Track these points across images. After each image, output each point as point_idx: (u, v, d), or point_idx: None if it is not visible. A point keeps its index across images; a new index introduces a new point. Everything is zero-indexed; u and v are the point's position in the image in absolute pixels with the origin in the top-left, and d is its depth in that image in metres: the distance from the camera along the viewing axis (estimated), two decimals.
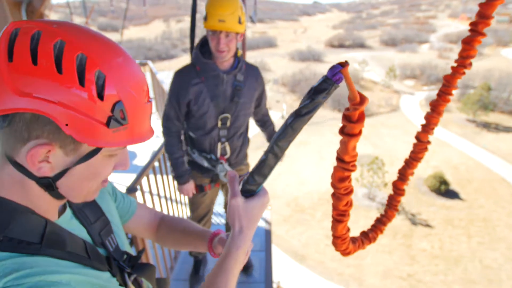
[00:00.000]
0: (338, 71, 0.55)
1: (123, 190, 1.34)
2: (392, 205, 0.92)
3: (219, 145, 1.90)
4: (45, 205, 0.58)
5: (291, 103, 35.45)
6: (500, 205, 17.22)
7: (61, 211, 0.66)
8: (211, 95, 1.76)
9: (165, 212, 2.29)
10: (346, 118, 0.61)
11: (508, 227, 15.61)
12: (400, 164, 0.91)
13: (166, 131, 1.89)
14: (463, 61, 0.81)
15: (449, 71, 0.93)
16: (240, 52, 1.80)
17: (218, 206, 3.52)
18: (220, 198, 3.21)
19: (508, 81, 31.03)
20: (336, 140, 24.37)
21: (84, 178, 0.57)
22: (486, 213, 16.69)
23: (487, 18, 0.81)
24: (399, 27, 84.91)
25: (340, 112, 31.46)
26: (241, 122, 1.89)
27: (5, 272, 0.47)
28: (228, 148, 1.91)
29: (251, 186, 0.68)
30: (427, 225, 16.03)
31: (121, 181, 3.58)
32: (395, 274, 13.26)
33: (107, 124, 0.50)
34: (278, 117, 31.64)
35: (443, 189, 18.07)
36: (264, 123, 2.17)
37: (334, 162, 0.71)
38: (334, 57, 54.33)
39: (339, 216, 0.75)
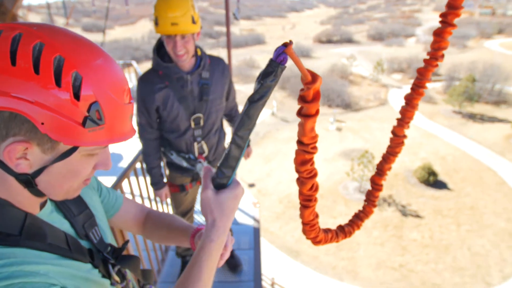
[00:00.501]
0: (281, 51, 0.55)
1: None
2: (370, 200, 0.91)
3: (196, 145, 1.88)
4: (25, 200, 0.59)
5: (281, 99, 35.47)
6: (487, 193, 17.70)
7: (42, 204, 0.66)
8: (179, 98, 1.73)
9: None
10: (302, 98, 0.60)
11: (494, 214, 16.06)
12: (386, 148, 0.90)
13: (142, 140, 1.87)
14: (435, 53, 0.81)
15: (439, 64, 0.92)
16: (200, 51, 1.75)
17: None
18: None
19: (492, 72, 31.75)
20: (326, 134, 24.49)
21: (62, 177, 0.58)
22: (473, 201, 17.13)
23: (456, 9, 0.81)
24: (386, 21, 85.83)
25: (330, 107, 31.67)
26: (214, 119, 1.88)
27: None
28: (205, 147, 1.91)
29: (221, 180, 0.69)
30: (417, 216, 16.35)
31: (103, 182, 3.55)
32: (388, 265, 13.50)
33: (83, 124, 0.52)
34: (268, 114, 31.66)
35: (432, 180, 18.45)
36: (232, 118, 2.15)
37: (323, 156, 0.69)
38: (323, 52, 54.58)
39: (305, 201, 0.73)
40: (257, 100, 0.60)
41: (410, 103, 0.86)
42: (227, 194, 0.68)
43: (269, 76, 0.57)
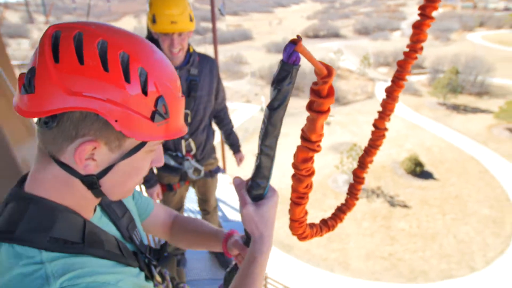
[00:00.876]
0: (292, 50, 0.51)
1: None
2: (352, 193, 0.91)
3: (183, 142, 1.86)
4: (84, 204, 0.59)
5: (268, 95, 35.41)
6: (470, 182, 18.27)
7: (94, 208, 0.66)
8: None
9: None
10: (315, 93, 0.57)
11: (477, 202, 16.62)
12: (381, 151, 0.89)
13: None
14: (414, 46, 0.81)
15: (420, 57, 0.92)
16: (192, 48, 1.76)
17: (190, 203, 3.48)
18: (191, 195, 3.17)
19: (474, 64, 32.59)
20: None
21: (126, 175, 0.58)
22: (458, 190, 17.67)
23: (434, 2, 0.82)
24: (371, 15, 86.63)
25: None
26: (201, 115, 1.86)
27: (59, 273, 0.47)
28: (192, 144, 1.89)
29: (258, 191, 0.69)
30: (405, 206, 16.76)
31: None
32: (377, 255, 13.82)
33: (152, 118, 0.52)
34: (257, 110, 31.64)
35: (419, 171, 18.91)
36: (221, 120, 2.12)
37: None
38: (310, 47, 54.28)
39: (298, 198, 0.72)
40: (277, 107, 0.57)
41: (391, 95, 0.86)
42: (267, 204, 0.69)
43: (285, 80, 0.54)
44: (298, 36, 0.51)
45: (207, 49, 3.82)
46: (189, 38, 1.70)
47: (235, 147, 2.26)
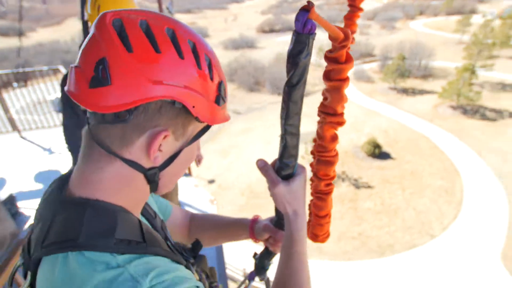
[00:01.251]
0: (306, 18, 0.47)
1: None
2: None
3: None
4: (138, 202, 0.57)
5: (231, 92, 35.30)
6: (423, 158, 19.86)
7: None
8: None
9: None
10: (333, 60, 0.53)
11: (431, 176, 18.14)
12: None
13: (71, 146, 1.61)
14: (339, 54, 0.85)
15: (370, 46, 0.94)
16: None
17: None
18: None
19: (418, 50, 35.26)
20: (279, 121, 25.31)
21: (183, 164, 0.57)
22: (413, 166, 19.12)
23: None
24: (323, 8, 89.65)
25: (279, 95, 32.44)
26: None
27: (142, 273, 0.45)
28: None
29: (287, 171, 0.68)
30: (369, 187, 17.77)
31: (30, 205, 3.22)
32: (348, 235, 14.53)
33: (217, 102, 0.54)
34: None
35: (377, 152, 20.11)
36: None
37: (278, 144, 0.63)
38: (267, 42, 55.26)
39: (327, 186, 0.66)
40: (296, 83, 0.55)
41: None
42: (297, 182, 0.68)
43: (302, 53, 0.51)
44: (309, 2, 0.48)
45: None
46: None
47: None
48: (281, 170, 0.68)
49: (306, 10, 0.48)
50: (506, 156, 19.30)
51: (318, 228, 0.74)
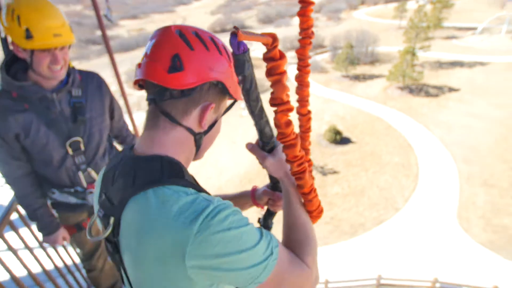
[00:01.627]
0: (237, 41, 0.64)
1: None
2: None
3: (81, 174, 1.61)
4: (188, 160, 0.77)
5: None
6: (380, 138, 21.15)
7: None
8: (46, 122, 1.44)
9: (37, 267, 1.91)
10: (270, 59, 0.67)
11: (389, 154, 19.39)
12: (298, 128, 0.96)
13: (10, 180, 1.49)
14: (306, 32, 0.84)
15: (320, 37, 0.98)
16: (71, 64, 1.53)
17: None
18: None
19: (363, 37, 37.33)
20: (240, 121, 25.12)
21: (215, 133, 0.79)
22: (372, 147, 20.29)
23: None
24: (271, 4, 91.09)
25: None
26: (97, 140, 1.63)
27: (211, 198, 0.64)
28: (93, 174, 1.64)
29: (269, 146, 0.88)
30: (334, 172, 18.51)
31: None
32: (321, 221, 15.01)
33: (239, 83, 0.75)
34: None
35: (339, 139, 21.02)
36: (125, 138, 1.93)
37: (243, 142, 0.77)
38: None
39: (300, 166, 0.78)
40: (249, 87, 0.73)
41: (303, 83, 0.91)
42: (279, 151, 0.89)
43: (244, 67, 0.69)
44: (235, 27, 0.62)
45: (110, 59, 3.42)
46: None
47: None
48: (264, 147, 0.88)
49: (234, 34, 0.61)
50: (450, 127, 21.26)
51: (308, 204, 0.84)
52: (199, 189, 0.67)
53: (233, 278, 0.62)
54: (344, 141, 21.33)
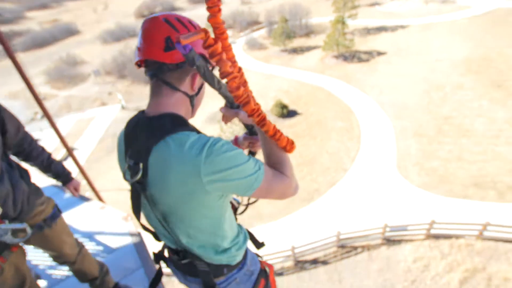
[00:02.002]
0: (182, 45, 0.76)
1: None
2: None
3: None
4: (188, 117, 1.02)
5: (126, 89, 31.99)
6: (323, 106, 22.17)
7: None
8: None
9: None
10: (208, 46, 0.82)
11: (333, 120, 20.49)
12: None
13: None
14: (212, 1, 0.83)
15: (255, 14, 1.10)
16: None
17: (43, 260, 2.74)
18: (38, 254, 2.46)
19: (296, 10, 37.92)
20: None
21: (202, 94, 1.04)
22: (317, 116, 21.22)
23: None
24: None
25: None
26: None
27: (208, 136, 0.89)
28: None
29: (234, 105, 1.14)
30: None
31: None
32: None
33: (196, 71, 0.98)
34: (118, 110, 28.30)
35: (286, 112, 21.51)
36: (28, 154, 1.64)
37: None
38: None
39: (259, 116, 0.95)
40: (204, 72, 0.88)
41: (225, 48, 0.97)
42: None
43: (194, 60, 0.82)
44: (176, 36, 0.76)
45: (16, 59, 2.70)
46: None
47: (63, 176, 1.79)
48: (232, 106, 1.13)
49: (178, 42, 0.77)
50: (381, 88, 23.11)
51: (279, 142, 1.01)
52: (199, 132, 0.93)
53: (236, 186, 0.88)
54: (291, 114, 21.90)
